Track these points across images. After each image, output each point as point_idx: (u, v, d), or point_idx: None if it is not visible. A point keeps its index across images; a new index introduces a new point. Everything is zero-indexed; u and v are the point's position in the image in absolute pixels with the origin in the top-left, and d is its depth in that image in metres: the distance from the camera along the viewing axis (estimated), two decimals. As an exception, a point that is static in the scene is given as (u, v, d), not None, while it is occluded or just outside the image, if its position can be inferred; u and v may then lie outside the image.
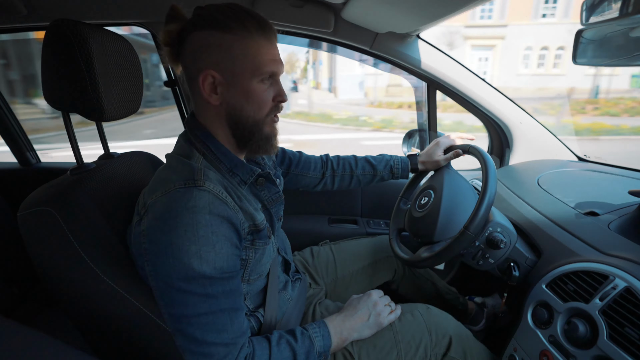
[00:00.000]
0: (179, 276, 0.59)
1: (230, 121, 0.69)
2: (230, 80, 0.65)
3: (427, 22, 1.00)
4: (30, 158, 1.62)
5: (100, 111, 0.72)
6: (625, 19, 0.59)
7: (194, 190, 0.61)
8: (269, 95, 0.69)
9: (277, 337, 0.70)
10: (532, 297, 0.79)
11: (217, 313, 0.61)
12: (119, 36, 0.80)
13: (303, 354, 0.69)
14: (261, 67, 0.65)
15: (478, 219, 0.78)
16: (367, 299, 0.85)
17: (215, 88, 0.66)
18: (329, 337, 0.75)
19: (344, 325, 0.79)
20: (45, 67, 0.71)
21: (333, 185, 1.12)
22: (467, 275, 1.49)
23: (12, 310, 1.34)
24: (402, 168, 1.10)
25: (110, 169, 0.83)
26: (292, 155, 1.07)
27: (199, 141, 0.70)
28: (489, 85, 1.30)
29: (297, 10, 1.14)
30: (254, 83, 0.66)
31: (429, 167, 1.09)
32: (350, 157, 1.12)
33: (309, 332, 0.73)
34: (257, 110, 0.68)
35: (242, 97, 0.67)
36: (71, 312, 0.71)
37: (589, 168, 1.26)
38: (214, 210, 0.61)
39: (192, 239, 0.58)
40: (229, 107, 0.68)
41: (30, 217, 0.65)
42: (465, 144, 0.99)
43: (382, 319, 0.83)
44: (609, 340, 0.62)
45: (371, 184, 1.13)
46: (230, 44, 0.64)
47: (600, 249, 0.75)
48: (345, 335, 0.78)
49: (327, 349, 0.73)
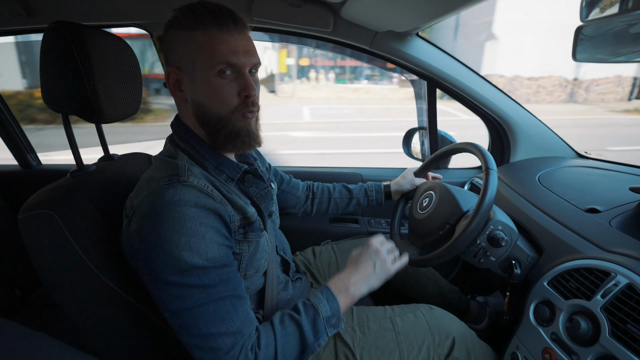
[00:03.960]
0: (172, 270, 0.58)
1: (197, 118, 0.69)
2: (192, 76, 0.66)
3: (427, 21, 0.99)
4: (30, 160, 1.62)
5: (100, 113, 0.72)
6: (625, 15, 0.59)
7: (177, 185, 0.61)
8: (231, 90, 0.66)
9: (279, 316, 0.68)
10: (534, 295, 0.79)
11: (217, 301, 0.60)
12: (118, 38, 0.80)
13: (309, 324, 0.67)
14: (214, 58, 0.63)
15: (479, 216, 0.77)
16: (368, 249, 0.80)
17: (180, 85, 0.67)
18: (334, 298, 0.71)
19: (349, 281, 0.75)
20: (44, 70, 0.71)
21: (312, 209, 1.15)
22: (469, 274, 1.49)
23: (14, 312, 1.34)
24: (376, 191, 1.14)
25: (110, 171, 0.83)
26: (283, 175, 1.10)
27: (183, 141, 0.70)
28: (488, 83, 1.29)
29: (296, 9, 1.14)
30: (211, 77, 0.64)
31: (404, 189, 1.13)
32: (329, 184, 1.17)
33: (312, 301, 0.71)
34: (220, 105, 0.66)
35: (204, 92, 0.66)
36: (72, 314, 0.71)
37: (590, 165, 1.26)
38: (200, 202, 0.61)
39: (180, 232, 0.58)
40: (194, 104, 0.68)
41: (30, 219, 0.65)
42: (466, 142, 0.99)
43: (388, 266, 0.79)
44: (611, 337, 0.62)
45: (348, 209, 1.17)
46: (187, 39, 0.64)
47: (602, 245, 0.75)
48: (353, 291, 0.74)
49: (336, 310, 0.70)
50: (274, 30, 1.25)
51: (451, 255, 0.81)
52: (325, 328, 0.68)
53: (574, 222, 0.86)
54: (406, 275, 1.20)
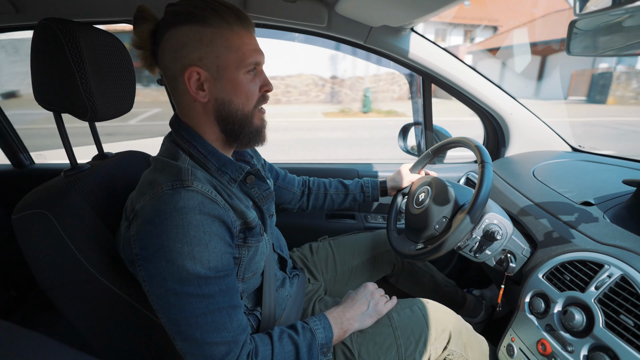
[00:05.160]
0: (173, 279, 0.58)
1: (218, 117, 0.68)
2: (216, 74, 0.64)
3: (421, 15, 0.99)
4: (23, 160, 1.60)
5: (93, 111, 0.71)
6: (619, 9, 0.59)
7: (182, 191, 0.60)
8: (255, 86, 0.68)
9: (278, 332, 0.70)
10: (529, 287, 0.79)
11: (215, 312, 0.60)
12: (109, 34, 0.79)
13: (305, 347, 0.69)
14: (245, 58, 0.65)
15: (474, 210, 0.78)
16: (364, 290, 0.87)
17: (202, 85, 0.65)
18: (330, 328, 0.75)
19: (344, 316, 0.80)
20: (35, 68, 0.70)
21: (308, 205, 1.15)
22: (465, 268, 1.50)
23: (10, 312, 1.33)
24: (372, 187, 1.15)
25: (104, 169, 0.82)
26: (279, 170, 1.10)
27: (184, 141, 0.68)
28: (483, 78, 1.30)
29: (290, 5, 1.13)
30: (240, 75, 0.65)
31: (399, 185, 1.14)
32: (324, 179, 1.17)
33: (310, 325, 0.73)
34: (245, 102, 0.68)
35: (230, 90, 0.66)
36: (69, 314, 0.71)
37: (584, 158, 1.27)
38: (204, 209, 0.60)
39: (184, 240, 0.57)
40: (217, 103, 0.66)
41: (24, 219, 0.65)
42: (461, 137, 0.99)
43: (380, 307, 0.85)
44: (605, 328, 0.63)
45: (344, 204, 1.17)
46: (211, 38, 0.62)
47: (596, 238, 0.76)
48: (347, 326, 0.79)
49: (329, 340, 0.74)
50: (268, 25, 1.24)
51: (448, 249, 0.82)
52: (318, 354, 0.70)
53: (568, 215, 0.87)
54: (402, 270, 1.21)
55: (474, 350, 0.88)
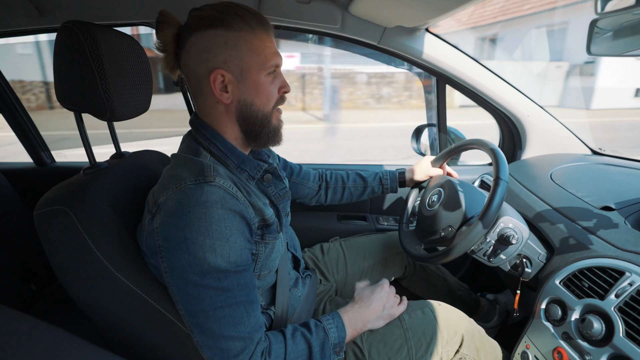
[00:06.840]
0: (194, 271, 0.59)
1: (240, 117, 0.70)
2: (240, 77, 0.66)
3: (436, 16, 0.98)
4: (45, 158, 1.66)
5: (111, 111, 0.73)
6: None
7: (205, 185, 0.61)
8: (275, 87, 0.71)
9: (291, 330, 0.70)
10: (545, 294, 0.78)
11: (233, 306, 0.62)
12: (129, 36, 0.81)
13: (318, 346, 0.69)
14: (267, 61, 0.67)
15: (489, 213, 0.76)
16: (381, 291, 0.86)
17: (226, 87, 0.67)
18: (343, 328, 0.75)
19: (359, 317, 0.79)
20: (57, 68, 0.73)
21: (326, 199, 1.15)
22: (479, 272, 1.47)
23: (30, 306, 1.38)
24: (391, 179, 1.15)
25: (121, 168, 0.84)
26: (293, 165, 1.10)
27: (205, 139, 0.70)
28: (500, 79, 1.27)
29: (304, 6, 1.13)
30: (262, 77, 0.68)
31: (418, 177, 1.13)
32: (342, 172, 1.17)
33: (323, 324, 0.73)
34: (265, 103, 0.70)
35: (252, 92, 0.68)
36: (86, 308, 0.73)
37: (604, 162, 1.23)
38: (226, 204, 0.61)
39: (206, 233, 0.59)
40: (240, 104, 0.69)
41: (45, 216, 0.67)
42: (475, 139, 0.98)
43: (394, 311, 0.84)
44: (625, 337, 0.61)
45: (362, 197, 1.17)
46: (235, 41, 0.64)
47: (616, 244, 0.74)
48: (360, 327, 0.78)
49: (342, 339, 0.73)
50: (282, 27, 1.25)
51: (447, 260, 0.82)
52: (330, 354, 0.70)
53: (587, 220, 0.85)
54: (414, 272, 1.20)
55: (487, 355, 0.87)
